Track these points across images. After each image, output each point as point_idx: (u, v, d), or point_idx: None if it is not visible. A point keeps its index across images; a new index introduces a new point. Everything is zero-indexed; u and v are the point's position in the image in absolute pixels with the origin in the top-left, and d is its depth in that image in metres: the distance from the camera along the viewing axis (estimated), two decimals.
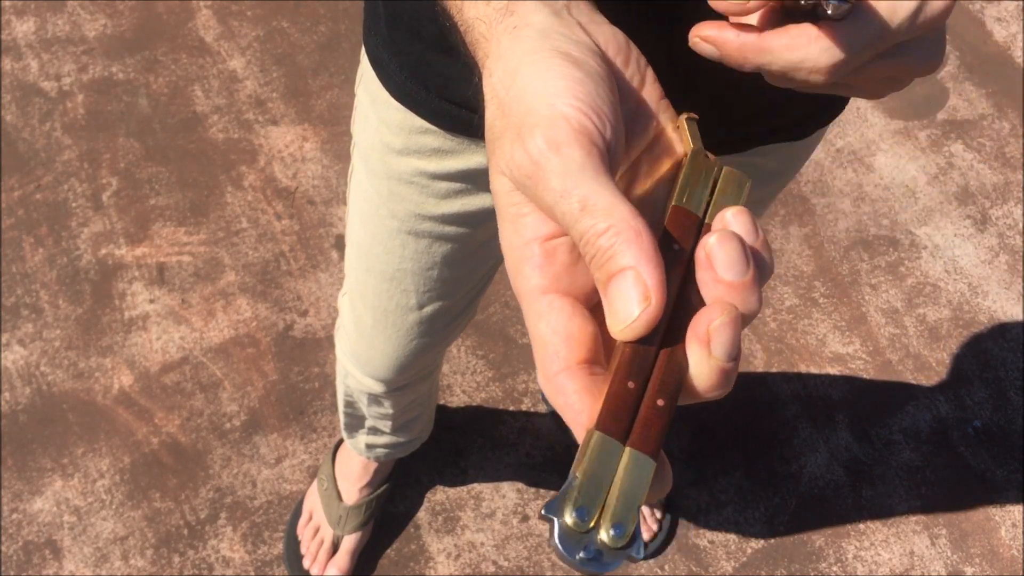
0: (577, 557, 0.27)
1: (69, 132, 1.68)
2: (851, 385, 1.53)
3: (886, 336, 1.57)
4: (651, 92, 0.36)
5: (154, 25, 1.83)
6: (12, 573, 1.29)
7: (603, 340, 0.31)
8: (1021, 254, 1.68)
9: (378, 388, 1.00)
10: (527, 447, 1.44)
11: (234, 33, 1.83)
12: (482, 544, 1.35)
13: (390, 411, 1.09)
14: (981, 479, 1.46)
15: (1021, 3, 2.03)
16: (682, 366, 0.30)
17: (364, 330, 0.91)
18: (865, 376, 1.54)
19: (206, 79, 1.76)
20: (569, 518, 0.27)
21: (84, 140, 1.67)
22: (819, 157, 1.77)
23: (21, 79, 1.74)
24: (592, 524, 0.27)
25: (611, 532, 0.27)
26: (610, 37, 0.35)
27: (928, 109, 1.85)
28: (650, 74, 0.36)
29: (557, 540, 0.27)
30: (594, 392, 0.29)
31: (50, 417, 1.40)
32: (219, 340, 1.48)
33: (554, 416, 1.46)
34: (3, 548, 1.30)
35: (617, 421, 0.29)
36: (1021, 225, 1.72)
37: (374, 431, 1.18)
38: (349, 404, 1.14)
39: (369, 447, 1.22)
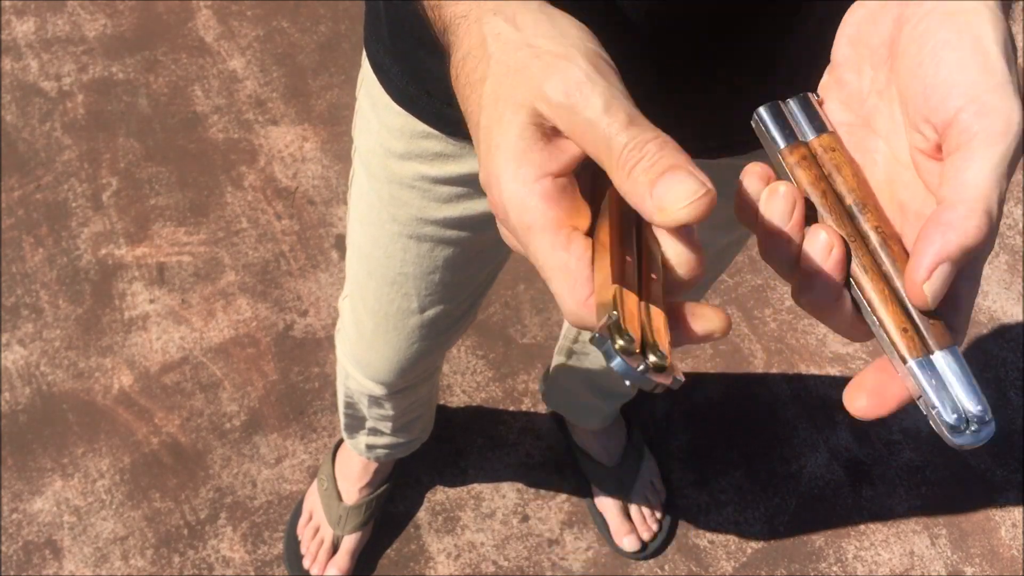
0: (638, 368, 0.30)
1: (69, 132, 1.68)
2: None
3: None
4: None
5: (154, 25, 1.83)
6: (12, 573, 1.29)
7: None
8: (1021, 254, 1.68)
9: (379, 391, 1.00)
10: (527, 447, 1.44)
11: (234, 33, 1.83)
12: (482, 544, 1.35)
13: (391, 413, 1.09)
14: (981, 479, 1.46)
15: (1020, 3, 2.03)
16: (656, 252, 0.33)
17: (365, 333, 0.91)
18: None
19: (206, 79, 1.76)
20: (620, 341, 0.30)
21: (84, 140, 1.67)
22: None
23: (21, 79, 1.74)
24: (638, 349, 0.30)
25: (652, 357, 0.31)
26: (588, 32, 0.36)
27: None
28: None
29: (618, 359, 0.30)
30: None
31: (50, 417, 1.40)
32: (219, 340, 1.48)
33: (554, 416, 1.46)
34: (3, 548, 1.30)
35: (628, 281, 0.32)
36: (1021, 225, 1.72)
37: (374, 432, 1.18)
38: (350, 405, 1.14)
39: (369, 448, 1.22)
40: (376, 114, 0.70)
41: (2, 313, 1.48)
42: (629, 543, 1.34)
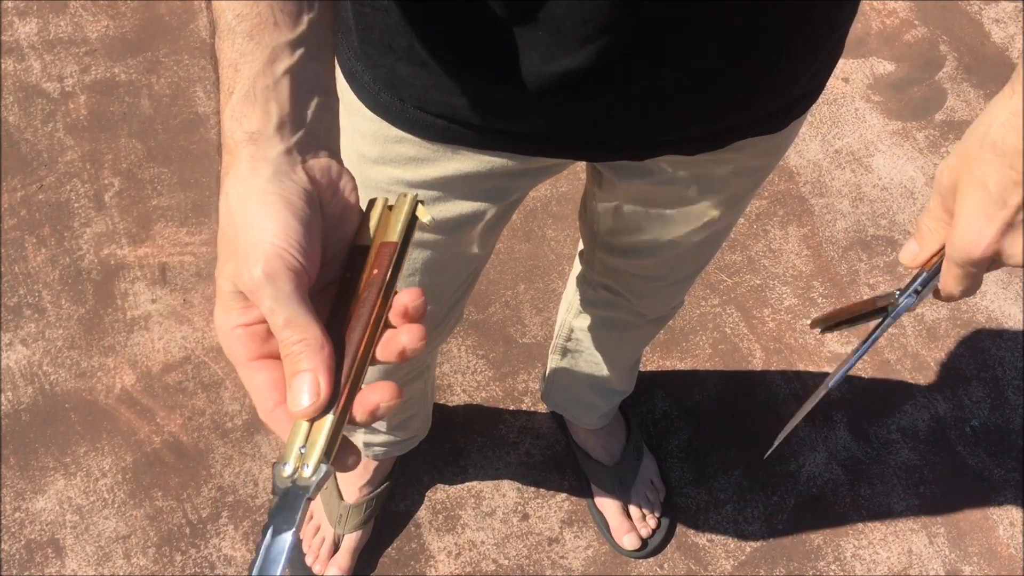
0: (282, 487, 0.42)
1: (71, 133, 1.68)
2: (849, 385, 1.53)
3: (884, 336, 1.58)
4: (350, 202, 0.47)
5: (156, 26, 1.84)
6: (15, 572, 1.29)
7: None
8: None
9: None
10: (527, 446, 1.45)
11: None
12: (482, 543, 1.36)
13: None
14: (979, 478, 1.46)
15: (1020, 4, 2.03)
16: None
17: None
18: (863, 376, 1.54)
19: (208, 80, 1.77)
20: (284, 472, 0.42)
21: (86, 141, 1.68)
22: (818, 158, 1.78)
23: (23, 80, 1.75)
24: (296, 468, 0.42)
25: (306, 470, 0.42)
26: (325, 168, 0.45)
27: (926, 110, 1.86)
28: (351, 186, 0.47)
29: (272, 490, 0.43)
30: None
31: (52, 416, 1.41)
32: None
33: (554, 415, 1.46)
34: (6, 547, 1.31)
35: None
36: None
37: (370, 429, 1.19)
38: None
39: (367, 445, 1.23)
40: (349, 120, 0.71)
41: (5, 313, 1.49)
42: (629, 541, 1.35)
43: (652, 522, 1.37)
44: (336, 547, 1.31)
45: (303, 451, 0.42)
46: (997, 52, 1.95)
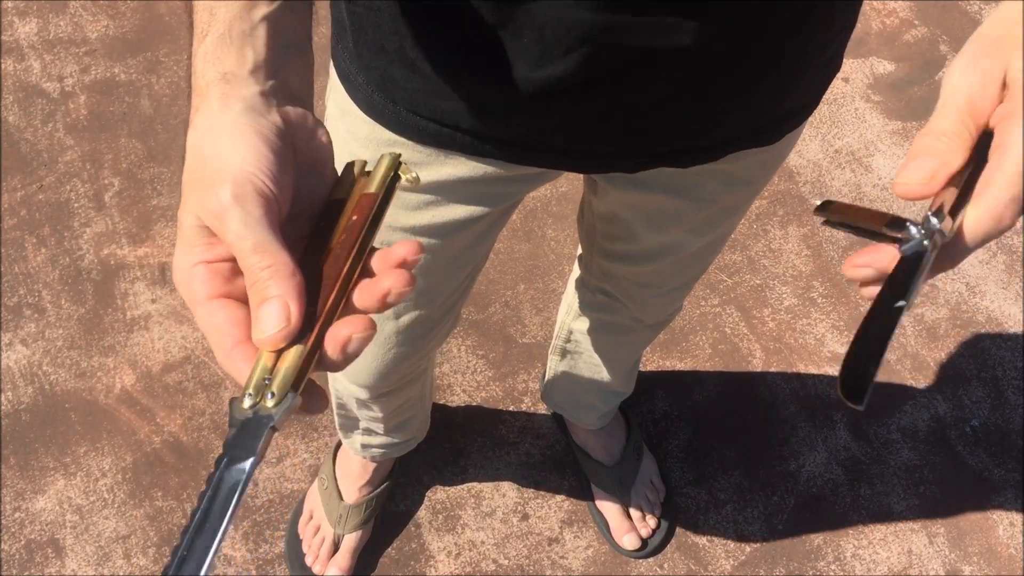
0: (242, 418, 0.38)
1: (71, 133, 1.68)
2: None
3: None
4: (324, 157, 0.45)
5: (156, 26, 1.84)
6: (15, 572, 1.29)
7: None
8: (1019, 254, 1.69)
9: (363, 394, 1.01)
10: (527, 446, 1.45)
11: None
12: (482, 543, 1.36)
13: (380, 415, 1.10)
14: (979, 478, 1.46)
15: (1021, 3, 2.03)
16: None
17: None
18: None
19: None
20: (245, 404, 0.38)
21: (86, 141, 1.68)
22: (818, 158, 1.78)
23: (23, 80, 1.75)
24: (258, 399, 0.38)
25: (268, 399, 0.38)
26: (301, 116, 0.43)
27: (926, 110, 1.86)
28: (327, 139, 0.45)
29: (229, 422, 0.38)
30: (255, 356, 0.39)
31: (52, 416, 1.41)
32: None
33: (554, 415, 1.46)
34: (6, 547, 1.31)
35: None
36: (1019, 226, 1.73)
37: (368, 432, 1.19)
38: (341, 406, 1.15)
39: (364, 447, 1.23)
40: (343, 122, 0.71)
41: (5, 313, 1.49)
42: (629, 541, 1.35)
43: (652, 522, 1.37)
44: (336, 547, 1.31)
45: (268, 381, 0.38)
46: None
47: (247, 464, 0.37)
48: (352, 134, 0.70)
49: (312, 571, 1.30)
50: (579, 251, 1.08)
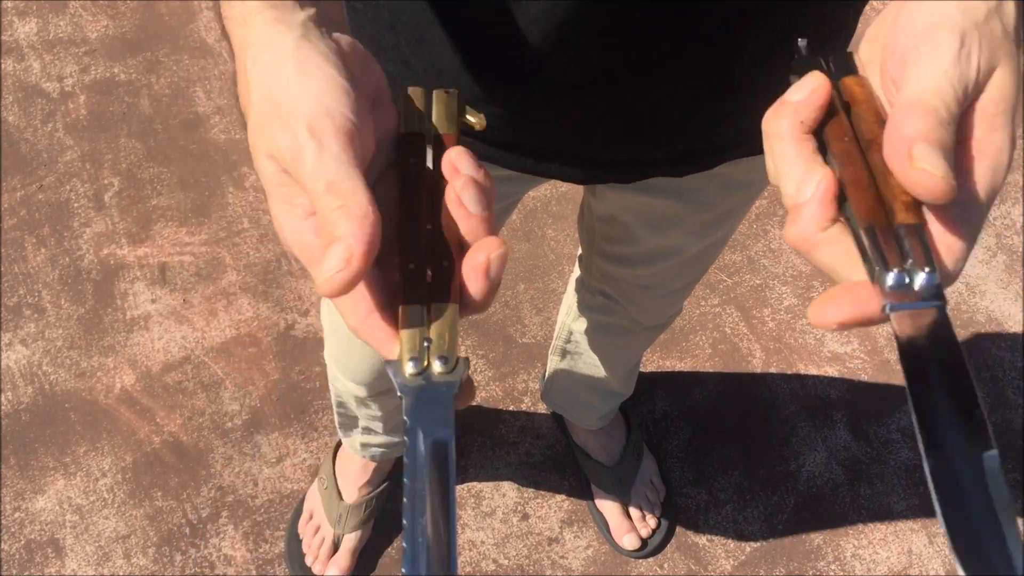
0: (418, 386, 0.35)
1: (71, 133, 1.68)
2: (849, 384, 1.53)
3: (884, 335, 1.58)
4: (382, 86, 0.42)
5: (156, 26, 1.84)
6: (15, 571, 1.29)
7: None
8: (1019, 254, 1.69)
9: (361, 392, 1.01)
10: (527, 446, 1.45)
11: None
12: (482, 543, 1.36)
13: (378, 413, 1.10)
14: None
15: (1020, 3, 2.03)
16: (448, 246, 0.38)
17: (342, 337, 0.92)
18: (863, 375, 1.54)
19: (208, 80, 1.77)
20: (409, 370, 0.36)
21: (86, 141, 1.68)
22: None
23: (23, 80, 1.75)
24: (425, 365, 0.36)
25: (438, 364, 0.36)
26: (350, 43, 0.40)
27: None
28: (379, 69, 0.42)
29: (398, 391, 0.36)
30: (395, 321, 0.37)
31: (52, 416, 1.41)
32: (220, 339, 1.49)
33: (554, 415, 1.46)
34: (5, 547, 1.31)
35: (415, 292, 0.37)
36: (1019, 225, 1.73)
37: (368, 431, 1.19)
38: (341, 405, 1.15)
39: (364, 446, 1.23)
40: None
41: (4, 313, 1.49)
42: (629, 541, 1.35)
43: (652, 522, 1.37)
44: (336, 547, 1.31)
45: (427, 344, 0.36)
46: None
47: (448, 433, 0.35)
48: None
49: (312, 571, 1.30)
50: (579, 251, 1.08)
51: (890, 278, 0.33)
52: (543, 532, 1.38)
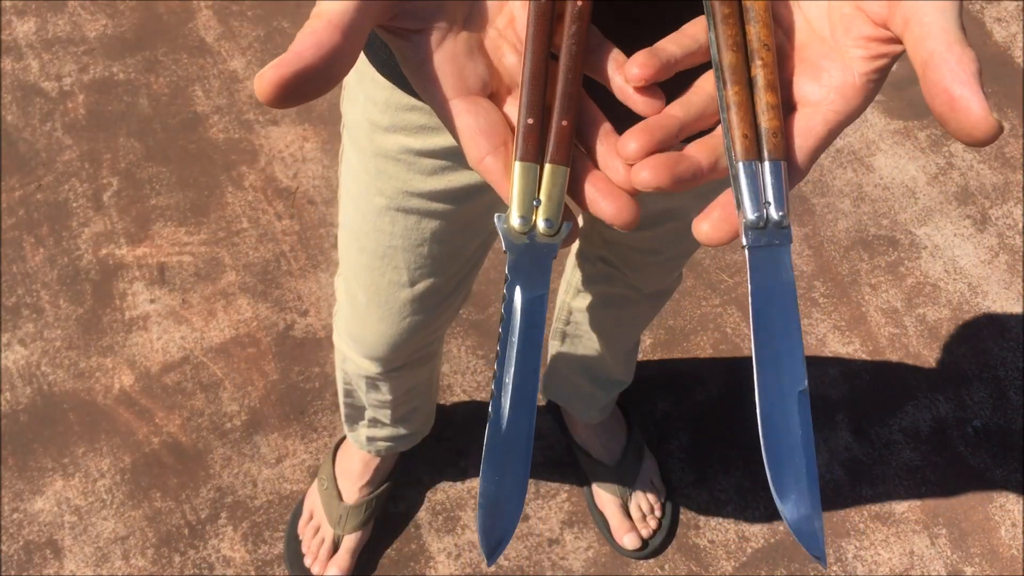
0: (519, 243, 0.37)
1: (70, 132, 1.68)
2: (851, 385, 1.53)
3: (886, 336, 1.58)
4: None
5: (155, 25, 1.83)
6: (13, 573, 1.29)
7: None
8: (1021, 254, 1.69)
9: (374, 369, 1.00)
10: None
11: (235, 33, 1.83)
12: None
13: (388, 397, 1.09)
14: (981, 479, 1.46)
15: (1021, 4, 2.03)
16: (573, 94, 0.38)
17: (358, 309, 0.92)
18: (865, 376, 1.54)
19: (207, 79, 1.77)
20: (517, 227, 0.37)
21: (85, 140, 1.67)
22: (819, 157, 1.77)
23: (22, 79, 1.74)
24: (532, 225, 0.37)
25: (543, 226, 0.37)
26: None
27: (927, 109, 1.85)
28: None
29: (504, 246, 0.37)
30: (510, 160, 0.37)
31: (51, 417, 1.40)
32: (220, 340, 1.48)
33: (554, 416, 1.46)
34: (4, 548, 1.30)
35: (529, 149, 0.37)
36: (1021, 225, 1.72)
37: (374, 422, 1.18)
38: (348, 393, 1.14)
39: (370, 440, 1.23)
40: (362, 87, 0.71)
41: (3, 313, 1.49)
42: (629, 541, 1.35)
43: (653, 522, 1.37)
44: (336, 548, 1.31)
45: (537, 204, 0.37)
46: (999, 51, 1.94)
47: (543, 293, 0.37)
48: (371, 99, 0.70)
49: (311, 572, 1.30)
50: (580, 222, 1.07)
51: (749, 213, 0.37)
52: (543, 533, 1.37)
